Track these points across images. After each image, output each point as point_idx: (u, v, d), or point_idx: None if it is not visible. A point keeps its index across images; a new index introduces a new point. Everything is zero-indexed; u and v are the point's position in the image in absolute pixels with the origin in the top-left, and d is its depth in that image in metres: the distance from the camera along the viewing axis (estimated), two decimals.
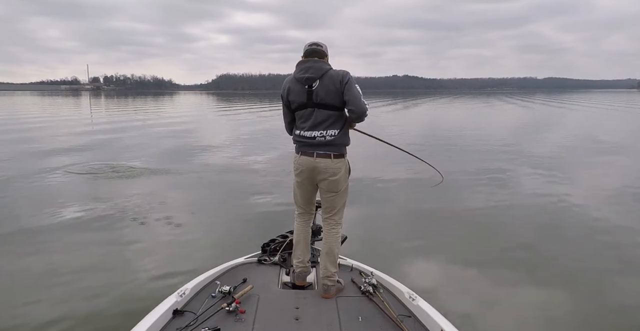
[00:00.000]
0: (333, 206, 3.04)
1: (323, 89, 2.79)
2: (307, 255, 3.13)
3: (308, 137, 2.87)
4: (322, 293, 2.93)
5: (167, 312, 2.58)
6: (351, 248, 3.88)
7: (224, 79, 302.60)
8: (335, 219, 3.07)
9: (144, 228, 5.64)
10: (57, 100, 63.86)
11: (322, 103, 2.82)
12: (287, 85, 2.92)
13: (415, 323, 2.63)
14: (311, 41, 2.92)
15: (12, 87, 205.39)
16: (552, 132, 18.66)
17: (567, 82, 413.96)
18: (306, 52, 2.88)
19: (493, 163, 10.49)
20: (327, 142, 2.84)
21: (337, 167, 2.89)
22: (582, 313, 3.72)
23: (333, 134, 2.84)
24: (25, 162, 10.57)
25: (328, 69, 2.83)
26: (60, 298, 3.80)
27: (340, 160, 2.91)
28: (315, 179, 2.95)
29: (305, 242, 3.15)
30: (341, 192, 3.00)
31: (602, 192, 7.81)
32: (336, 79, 2.78)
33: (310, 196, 3.11)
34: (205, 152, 12.55)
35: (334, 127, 2.85)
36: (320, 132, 2.84)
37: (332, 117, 2.84)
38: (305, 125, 2.88)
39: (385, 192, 7.81)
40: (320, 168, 2.88)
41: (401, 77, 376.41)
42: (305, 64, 2.85)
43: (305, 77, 2.81)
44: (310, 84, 2.81)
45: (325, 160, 2.86)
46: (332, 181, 2.91)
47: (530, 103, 51.48)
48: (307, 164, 2.91)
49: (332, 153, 2.87)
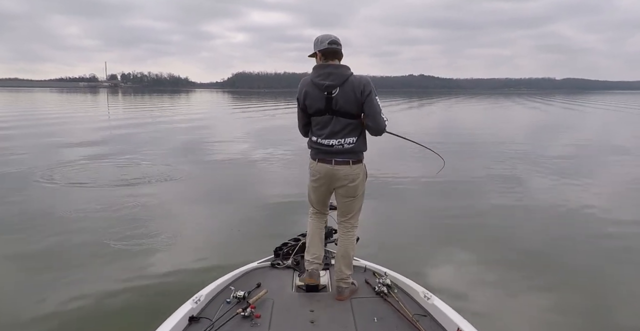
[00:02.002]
0: (350, 210, 3.01)
1: (343, 97, 2.69)
2: (321, 251, 3.09)
3: (326, 144, 2.79)
4: (337, 296, 2.91)
5: (183, 319, 2.59)
6: (364, 248, 3.87)
7: (239, 77, 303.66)
8: (352, 222, 3.04)
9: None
10: (76, 97, 64.95)
11: (342, 112, 2.72)
12: (304, 88, 2.80)
13: (432, 322, 2.61)
14: (328, 37, 2.73)
15: (32, 84, 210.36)
16: (566, 134, 18.37)
17: (586, 83, 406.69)
18: (326, 52, 2.72)
19: (507, 166, 10.40)
20: (345, 149, 2.78)
21: (355, 173, 2.84)
22: (598, 315, 3.66)
23: (351, 142, 2.77)
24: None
25: (349, 75, 2.70)
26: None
27: (358, 165, 2.85)
28: (333, 185, 2.90)
29: (320, 237, 3.12)
30: (359, 196, 2.96)
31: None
32: (358, 87, 2.67)
33: (324, 199, 3.07)
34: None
35: (352, 135, 2.77)
36: (338, 140, 2.76)
37: (351, 125, 2.75)
38: (323, 132, 2.79)
39: (397, 190, 7.78)
40: (339, 175, 2.83)
41: (417, 77, 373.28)
42: (326, 69, 2.72)
43: (325, 84, 2.69)
44: (330, 91, 2.70)
45: (344, 167, 2.81)
46: (351, 187, 2.88)
47: (545, 106, 50.68)
48: (325, 171, 2.84)
49: (351, 160, 2.81)
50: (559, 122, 25.81)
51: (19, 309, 3.62)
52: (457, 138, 15.78)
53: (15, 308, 3.64)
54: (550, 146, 14.32)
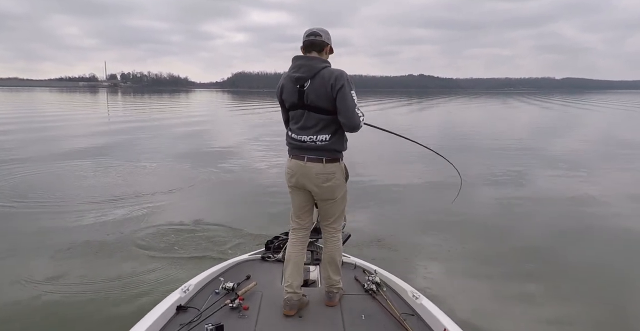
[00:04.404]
0: (330, 214, 2.80)
1: (314, 91, 2.53)
2: (297, 279, 2.76)
3: (298, 139, 2.64)
4: (327, 301, 2.83)
5: (171, 308, 2.62)
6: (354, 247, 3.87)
7: (239, 77, 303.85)
8: (334, 227, 2.86)
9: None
10: (75, 97, 64.66)
11: (313, 106, 2.56)
12: (282, 82, 2.69)
13: (419, 321, 2.62)
14: (310, 29, 2.62)
15: (31, 84, 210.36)
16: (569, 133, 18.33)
17: (585, 82, 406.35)
18: (304, 44, 2.62)
19: (514, 164, 10.43)
20: (317, 146, 2.60)
21: (330, 171, 2.62)
22: (591, 316, 3.68)
23: (323, 139, 2.58)
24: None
25: (321, 68, 2.54)
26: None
27: (333, 164, 2.63)
28: (307, 185, 2.68)
29: (297, 264, 2.80)
30: (338, 199, 2.74)
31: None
32: (328, 81, 2.50)
33: (305, 205, 2.81)
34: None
35: (325, 132, 2.58)
36: (309, 137, 2.59)
37: (322, 121, 2.57)
38: (296, 127, 2.65)
39: (394, 192, 7.73)
40: (311, 174, 2.63)
41: (416, 77, 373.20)
42: (299, 60, 2.60)
43: (295, 76, 2.57)
44: (301, 84, 2.56)
45: (317, 165, 2.61)
46: (326, 188, 2.65)
47: (558, 106, 50.61)
48: (297, 168, 2.67)
49: (324, 157, 2.61)
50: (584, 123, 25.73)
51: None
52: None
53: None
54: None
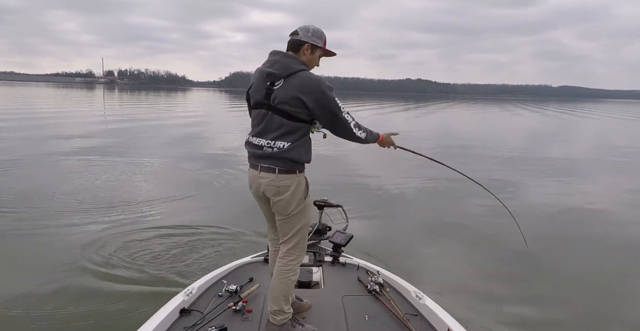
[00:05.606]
0: (284, 232, 2.46)
1: (284, 93, 2.23)
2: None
3: (255, 144, 2.33)
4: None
5: (175, 311, 2.61)
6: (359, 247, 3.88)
7: (237, 77, 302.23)
8: (288, 248, 2.46)
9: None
10: (70, 93, 64.25)
11: (278, 109, 2.25)
12: (254, 75, 2.40)
13: (422, 321, 2.64)
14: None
15: (27, 78, 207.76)
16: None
17: (581, 90, 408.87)
18: (288, 44, 2.36)
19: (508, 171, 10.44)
20: (273, 154, 2.28)
21: (282, 184, 2.30)
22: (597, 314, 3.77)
23: (281, 147, 2.26)
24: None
25: (298, 70, 2.25)
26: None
27: (287, 176, 2.30)
28: (263, 198, 2.41)
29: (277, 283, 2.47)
30: (292, 215, 2.38)
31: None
32: (307, 89, 2.21)
33: (272, 220, 2.55)
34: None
35: (285, 139, 2.27)
36: (268, 142, 2.28)
37: (285, 126, 2.26)
38: (256, 129, 2.36)
39: (398, 196, 7.79)
40: (263, 185, 2.34)
41: (414, 81, 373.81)
42: (274, 56, 2.32)
43: (267, 71, 2.27)
44: (272, 81, 2.26)
45: (269, 175, 2.30)
46: (277, 202, 2.34)
47: (565, 115, 50.72)
48: (254, 179, 2.39)
49: (277, 167, 2.28)
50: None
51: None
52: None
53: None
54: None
